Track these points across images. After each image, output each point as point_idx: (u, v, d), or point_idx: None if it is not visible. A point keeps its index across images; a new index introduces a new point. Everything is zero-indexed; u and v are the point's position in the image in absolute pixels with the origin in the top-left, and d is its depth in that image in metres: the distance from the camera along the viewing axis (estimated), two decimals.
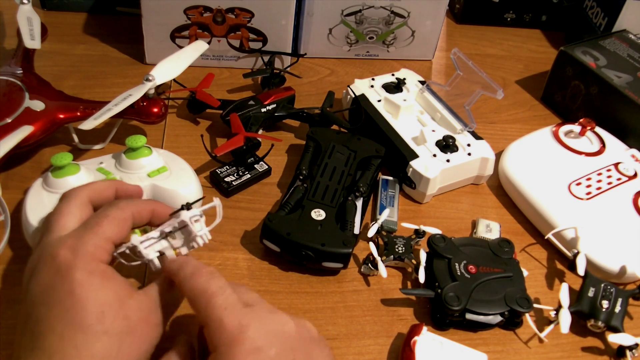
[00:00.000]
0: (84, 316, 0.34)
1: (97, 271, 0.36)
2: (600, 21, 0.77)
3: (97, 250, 0.37)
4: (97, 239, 0.37)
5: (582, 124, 0.62)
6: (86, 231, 0.37)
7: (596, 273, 0.50)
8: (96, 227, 0.37)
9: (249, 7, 0.66)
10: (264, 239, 0.49)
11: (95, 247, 0.37)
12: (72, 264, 0.35)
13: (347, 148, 0.57)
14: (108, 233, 0.38)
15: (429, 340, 0.43)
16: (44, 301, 0.35)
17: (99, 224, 0.38)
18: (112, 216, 0.38)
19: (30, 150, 0.57)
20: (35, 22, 0.62)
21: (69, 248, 0.36)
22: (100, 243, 0.37)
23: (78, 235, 0.37)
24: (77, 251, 0.36)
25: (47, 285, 0.35)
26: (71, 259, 0.35)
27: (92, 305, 0.34)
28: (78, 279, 0.35)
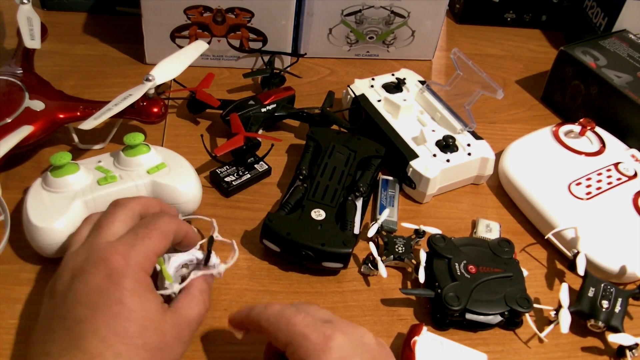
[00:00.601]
0: (129, 326, 0.34)
1: (143, 282, 0.37)
2: (600, 21, 0.77)
3: (146, 262, 0.37)
4: (147, 250, 0.38)
5: (582, 124, 0.62)
6: (137, 240, 0.38)
7: (596, 273, 0.50)
8: (147, 239, 0.38)
9: (249, 7, 0.66)
10: (264, 239, 0.49)
11: (145, 258, 0.37)
12: (124, 271, 0.36)
13: (347, 148, 0.57)
14: (156, 246, 0.38)
15: (429, 340, 0.43)
16: (90, 303, 0.35)
17: (149, 236, 0.38)
18: (161, 229, 0.39)
19: (30, 150, 0.57)
20: (35, 22, 0.62)
21: (122, 255, 0.36)
22: (149, 254, 0.38)
23: (130, 243, 0.38)
24: (129, 259, 0.36)
25: (95, 287, 0.35)
26: (123, 266, 0.36)
27: (137, 316, 0.35)
28: (128, 288, 0.35)
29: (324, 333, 0.35)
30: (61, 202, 0.46)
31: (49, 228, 0.45)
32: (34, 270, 0.47)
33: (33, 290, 0.46)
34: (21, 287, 0.46)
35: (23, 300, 0.45)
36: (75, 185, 0.48)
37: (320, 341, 0.34)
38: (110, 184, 0.48)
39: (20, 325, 0.43)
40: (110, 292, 0.35)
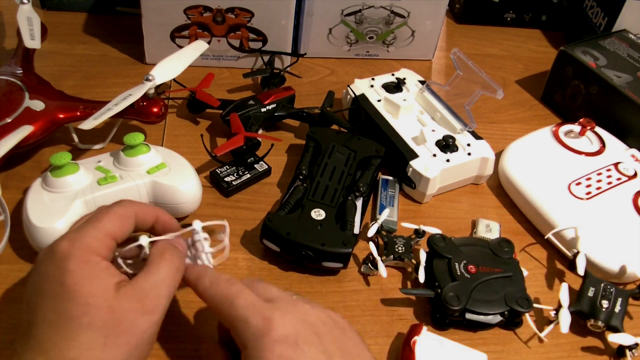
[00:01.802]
0: (71, 307, 0.34)
1: (90, 262, 0.36)
2: (600, 21, 0.77)
3: (95, 242, 0.37)
4: (96, 231, 0.37)
5: (582, 123, 0.62)
6: (87, 224, 0.37)
7: (596, 273, 0.50)
8: (96, 221, 0.38)
9: (249, 7, 0.66)
10: (264, 239, 0.49)
11: (93, 238, 0.37)
12: (68, 254, 0.35)
13: (347, 148, 0.57)
14: (108, 227, 0.38)
15: (429, 340, 0.43)
16: (38, 290, 0.35)
17: (99, 218, 0.38)
18: (114, 212, 0.39)
19: (30, 150, 0.57)
20: (35, 22, 0.62)
21: (68, 239, 0.36)
22: (99, 236, 0.37)
23: (79, 228, 0.37)
24: (74, 242, 0.36)
25: (43, 274, 0.35)
26: (68, 249, 0.35)
27: (79, 295, 0.34)
28: (70, 269, 0.35)
29: (264, 315, 0.34)
30: (61, 202, 0.46)
31: (49, 228, 0.45)
32: None
33: None
34: (21, 287, 0.46)
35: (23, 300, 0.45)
36: (75, 185, 0.48)
37: (260, 325, 0.34)
38: (110, 184, 0.48)
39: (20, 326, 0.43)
40: (54, 276, 0.35)
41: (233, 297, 0.36)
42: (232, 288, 0.37)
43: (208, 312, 0.46)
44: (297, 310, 0.36)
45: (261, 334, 0.34)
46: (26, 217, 0.46)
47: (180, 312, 0.46)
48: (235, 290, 0.36)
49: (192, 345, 0.44)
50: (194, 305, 0.46)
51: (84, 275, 0.35)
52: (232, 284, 0.37)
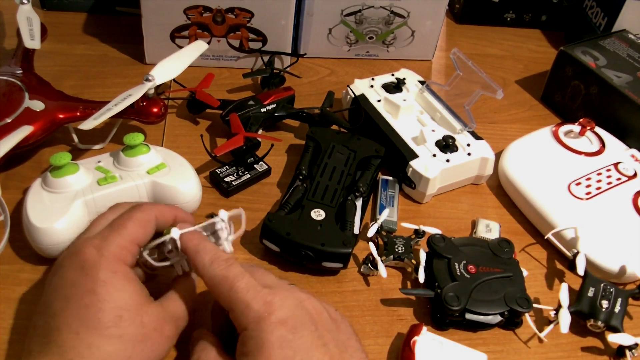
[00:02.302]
0: (101, 317, 0.34)
1: (119, 272, 0.36)
2: (600, 21, 0.77)
3: (122, 251, 0.37)
4: (122, 239, 0.37)
5: (582, 124, 0.62)
6: (112, 232, 0.38)
7: (596, 273, 0.50)
8: (121, 229, 0.38)
9: (248, 7, 0.66)
10: (264, 239, 0.49)
11: (120, 247, 0.37)
12: (97, 262, 0.36)
13: (347, 148, 0.57)
14: (132, 234, 0.38)
15: (429, 340, 0.43)
16: (64, 296, 0.35)
17: (123, 225, 0.38)
18: (136, 218, 0.39)
19: (30, 150, 0.57)
20: (35, 22, 0.62)
21: (95, 247, 0.36)
22: (125, 244, 0.37)
23: (103, 235, 0.38)
24: (102, 250, 0.36)
25: (69, 280, 0.35)
26: (96, 257, 0.36)
27: (110, 306, 0.34)
28: (101, 278, 0.35)
29: (265, 300, 0.35)
30: (61, 203, 0.46)
31: (49, 228, 0.45)
32: (34, 270, 0.47)
33: (33, 290, 0.46)
34: (21, 287, 0.46)
35: (23, 300, 0.45)
36: (75, 186, 0.48)
37: (261, 309, 0.34)
38: (110, 184, 0.48)
39: (20, 325, 0.43)
40: (83, 284, 0.35)
41: (233, 280, 0.36)
42: (232, 270, 0.37)
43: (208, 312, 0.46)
44: (295, 297, 0.36)
45: (262, 317, 0.34)
46: (26, 217, 0.46)
47: None
48: (235, 273, 0.36)
49: None
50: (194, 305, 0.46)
51: (115, 287, 0.35)
52: (231, 264, 0.37)
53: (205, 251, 0.38)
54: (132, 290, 0.36)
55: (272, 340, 0.33)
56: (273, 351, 0.33)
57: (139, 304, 0.36)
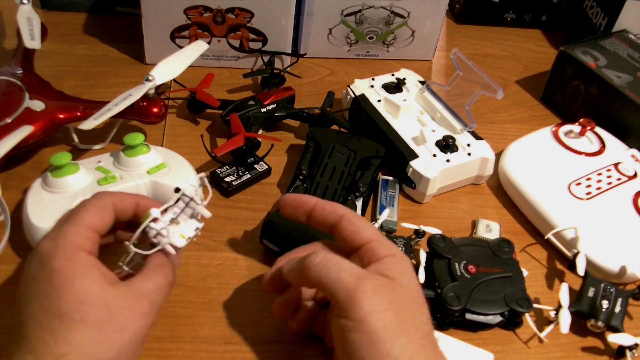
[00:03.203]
0: (61, 304, 0.34)
1: (76, 259, 0.36)
2: (600, 21, 0.77)
3: (77, 238, 0.36)
4: (77, 227, 0.37)
5: (582, 124, 0.62)
6: (66, 222, 0.37)
7: (596, 273, 0.50)
8: (75, 217, 0.38)
9: (249, 7, 0.66)
10: (264, 239, 0.49)
11: (75, 234, 0.36)
12: (52, 253, 0.35)
13: (347, 148, 0.57)
14: (87, 221, 0.37)
15: None
16: (26, 291, 0.35)
17: (77, 214, 0.38)
18: (90, 205, 0.39)
19: (30, 150, 0.57)
20: (35, 22, 0.62)
21: (50, 239, 0.36)
22: (80, 231, 0.37)
23: (59, 226, 0.37)
24: (56, 241, 0.36)
25: (30, 275, 0.36)
26: (51, 248, 0.36)
27: (69, 293, 0.34)
28: (56, 268, 0.35)
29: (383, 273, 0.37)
30: (61, 203, 0.46)
31: (49, 228, 0.45)
32: None
33: None
34: None
35: None
36: (75, 186, 0.48)
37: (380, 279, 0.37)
38: (110, 184, 0.49)
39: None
40: (40, 276, 0.35)
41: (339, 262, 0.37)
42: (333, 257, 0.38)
43: (208, 312, 0.46)
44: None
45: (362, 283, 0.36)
46: (26, 217, 0.46)
47: (180, 312, 0.46)
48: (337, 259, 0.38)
49: (192, 345, 0.44)
50: (194, 306, 0.46)
51: (73, 273, 0.35)
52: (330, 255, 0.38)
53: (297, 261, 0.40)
54: (91, 274, 0.35)
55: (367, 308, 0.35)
56: None
57: (100, 286, 0.35)
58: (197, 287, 0.48)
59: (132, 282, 0.37)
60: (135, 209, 0.41)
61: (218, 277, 0.49)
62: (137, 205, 0.41)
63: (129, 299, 0.36)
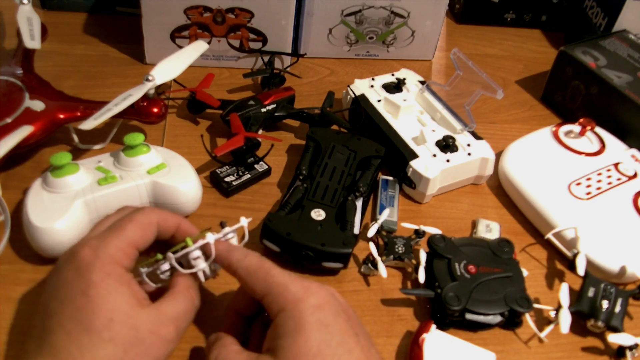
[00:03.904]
0: (93, 319, 0.34)
1: (113, 274, 0.36)
2: (600, 21, 0.77)
3: (118, 253, 0.37)
4: (119, 241, 0.37)
5: (582, 124, 0.62)
6: (110, 233, 0.37)
7: (596, 273, 0.50)
8: (119, 230, 0.38)
9: (249, 7, 0.66)
10: (264, 239, 0.49)
11: (117, 249, 0.37)
12: (91, 263, 0.35)
13: (347, 148, 0.57)
14: (131, 237, 0.38)
15: (438, 338, 0.43)
16: (58, 296, 0.35)
17: (122, 227, 0.38)
18: (136, 220, 0.39)
19: (30, 150, 0.57)
20: (35, 22, 0.62)
21: (91, 248, 0.36)
22: (122, 246, 0.37)
23: (102, 236, 0.37)
24: (97, 251, 0.36)
25: (64, 281, 0.35)
26: (91, 258, 0.36)
27: (102, 309, 0.34)
28: (94, 280, 0.35)
29: (302, 284, 0.36)
30: (61, 203, 0.46)
31: (49, 228, 0.45)
32: (34, 270, 0.47)
33: (33, 290, 0.46)
34: (21, 287, 0.46)
35: (23, 300, 0.45)
36: (75, 186, 0.48)
37: (299, 290, 0.36)
38: (110, 184, 0.48)
39: (21, 325, 0.43)
40: (76, 285, 0.35)
41: (269, 268, 0.37)
42: (266, 261, 0.38)
43: (207, 312, 0.46)
44: (326, 288, 0.38)
45: (300, 298, 0.35)
46: (26, 217, 0.46)
47: None
48: (270, 264, 0.38)
49: (192, 345, 0.44)
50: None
51: (108, 289, 0.35)
52: (264, 259, 0.38)
53: (237, 249, 0.39)
54: (125, 293, 0.36)
55: (312, 322, 0.34)
56: (312, 333, 0.34)
57: (131, 307, 0.35)
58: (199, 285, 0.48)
59: (161, 305, 0.37)
60: (176, 231, 0.41)
61: (218, 277, 0.48)
62: (179, 227, 0.41)
63: (157, 324, 0.36)
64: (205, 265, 0.40)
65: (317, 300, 0.36)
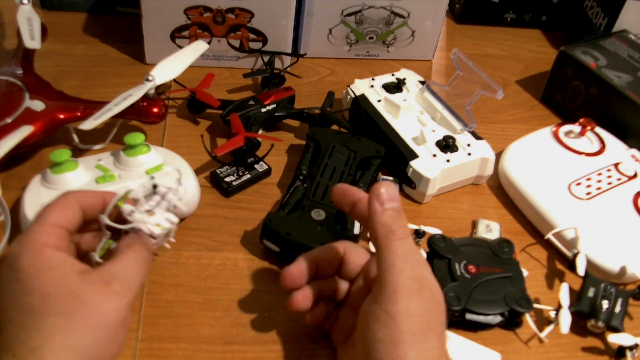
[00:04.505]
0: (30, 300, 0.34)
1: (41, 255, 0.36)
2: (600, 21, 0.77)
3: (42, 236, 0.36)
4: (40, 226, 0.37)
5: (582, 124, 0.62)
6: (32, 224, 0.38)
7: (596, 273, 0.50)
8: (39, 217, 0.38)
9: (249, 7, 0.66)
10: (264, 239, 0.49)
11: (40, 233, 0.37)
12: (18, 253, 0.35)
13: (347, 148, 0.57)
14: (51, 218, 0.38)
15: None
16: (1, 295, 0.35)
17: (41, 213, 0.38)
18: (53, 203, 0.39)
19: (30, 150, 0.57)
20: (35, 22, 0.62)
21: (17, 241, 0.36)
22: (44, 229, 0.37)
23: (26, 229, 0.38)
24: (22, 242, 0.36)
25: (2, 280, 0.36)
26: (17, 249, 0.36)
27: (35, 287, 0.34)
28: (22, 266, 0.35)
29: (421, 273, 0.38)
30: None
31: None
32: None
33: None
34: None
35: None
36: (73, 183, 0.48)
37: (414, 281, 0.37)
38: (108, 183, 0.49)
39: None
40: (10, 277, 0.35)
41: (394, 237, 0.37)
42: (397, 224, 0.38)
43: (208, 312, 0.46)
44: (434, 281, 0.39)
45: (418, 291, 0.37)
46: (23, 213, 0.46)
47: (180, 312, 0.46)
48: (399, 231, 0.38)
49: (192, 345, 0.44)
50: (194, 306, 0.46)
51: (38, 268, 0.35)
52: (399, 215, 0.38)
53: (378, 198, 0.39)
54: (57, 268, 0.35)
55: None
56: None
57: (66, 277, 0.35)
58: (197, 287, 0.48)
59: (101, 267, 0.37)
60: (103, 204, 0.40)
61: (218, 277, 0.49)
62: (104, 200, 0.40)
63: (98, 282, 0.35)
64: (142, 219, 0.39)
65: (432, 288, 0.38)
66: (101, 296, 0.35)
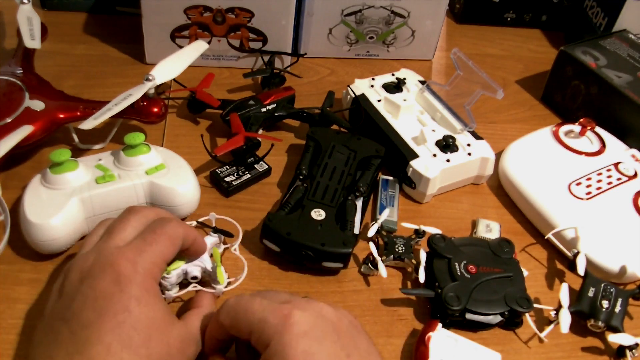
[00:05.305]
0: (134, 335, 0.34)
1: (151, 290, 0.36)
2: (600, 21, 0.77)
3: (154, 268, 0.37)
4: (155, 256, 0.37)
5: (582, 124, 0.62)
6: (145, 246, 0.38)
7: (596, 273, 0.50)
8: (154, 244, 0.38)
9: (249, 7, 0.66)
10: (264, 239, 0.49)
11: (153, 264, 0.37)
12: (131, 277, 0.36)
13: (347, 148, 0.57)
14: (164, 251, 0.38)
15: (444, 336, 0.43)
16: (96, 308, 0.35)
17: (157, 241, 0.38)
18: (169, 234, 0.39)
19: (30, 150, 0.57)
20: (35, 22, 0.62)
21: (129, 260, 0.36)
22: (157, 261, 0.38)
23: (138, 248, 0.37)
24: (136, 265, 0.36)
25: (102, 292, 0.35)
26: (130, 272, 0.36)
27: (142, 325, 0.35)
28: (135, 295, 0.35)
29: (282, 313, 0.34)
30: (58, 199, 0.46)
31: (44, 224, 0.45)
32: (34, 270, 0.47)
33: (33, 290, 0.46)
34: (21, 287, 0.46)
35: (23, 300, 0.45)
36: (73, 183, 0.48)
37: (279, 321, 0.33)
38: (107, 183, 0.49)
39: (21, 325, 0.43)
40: (117, 299, 0.35)
41: (247, 305, 0.35)
42: (242, 299, 0.36)
43: None
44: (313, 307, 0.35)
45: (282, 330, 0.33)
46: (22, 212, 0.46)
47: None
48: (247, 299, 0.36)
49: None
50: None
51: (148, 305, 0.35)
52: (241, 297, 0.37)
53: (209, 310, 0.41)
54: (160, 310, 0.36)
55: (297, 354, 0.32)
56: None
57: (166, 324, 0.36)
58: None
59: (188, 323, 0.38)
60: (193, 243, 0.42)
61: None
62: (195, 241, 0.42)
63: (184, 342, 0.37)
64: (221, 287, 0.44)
65: (299, 327, 0.33)
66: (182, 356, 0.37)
